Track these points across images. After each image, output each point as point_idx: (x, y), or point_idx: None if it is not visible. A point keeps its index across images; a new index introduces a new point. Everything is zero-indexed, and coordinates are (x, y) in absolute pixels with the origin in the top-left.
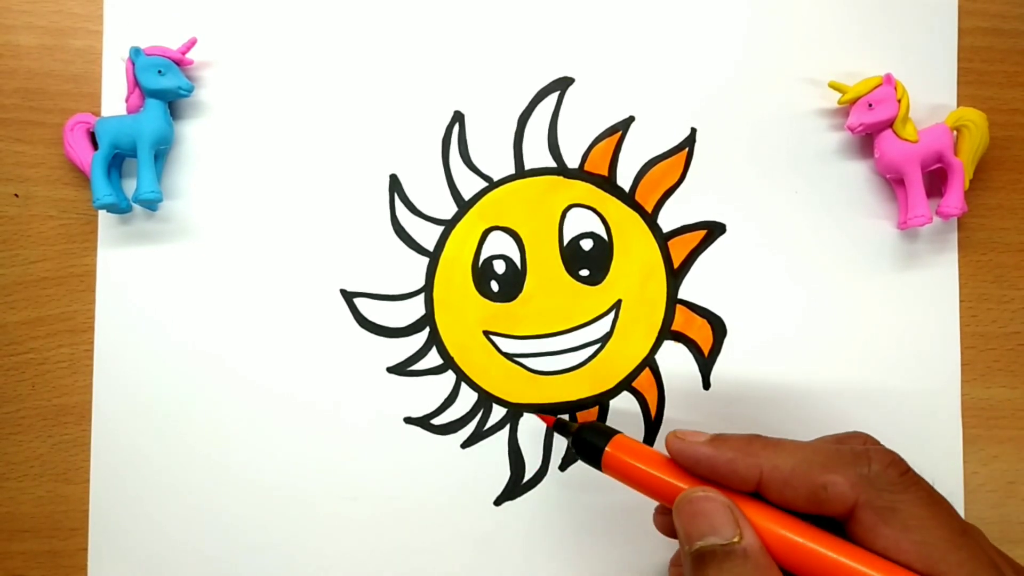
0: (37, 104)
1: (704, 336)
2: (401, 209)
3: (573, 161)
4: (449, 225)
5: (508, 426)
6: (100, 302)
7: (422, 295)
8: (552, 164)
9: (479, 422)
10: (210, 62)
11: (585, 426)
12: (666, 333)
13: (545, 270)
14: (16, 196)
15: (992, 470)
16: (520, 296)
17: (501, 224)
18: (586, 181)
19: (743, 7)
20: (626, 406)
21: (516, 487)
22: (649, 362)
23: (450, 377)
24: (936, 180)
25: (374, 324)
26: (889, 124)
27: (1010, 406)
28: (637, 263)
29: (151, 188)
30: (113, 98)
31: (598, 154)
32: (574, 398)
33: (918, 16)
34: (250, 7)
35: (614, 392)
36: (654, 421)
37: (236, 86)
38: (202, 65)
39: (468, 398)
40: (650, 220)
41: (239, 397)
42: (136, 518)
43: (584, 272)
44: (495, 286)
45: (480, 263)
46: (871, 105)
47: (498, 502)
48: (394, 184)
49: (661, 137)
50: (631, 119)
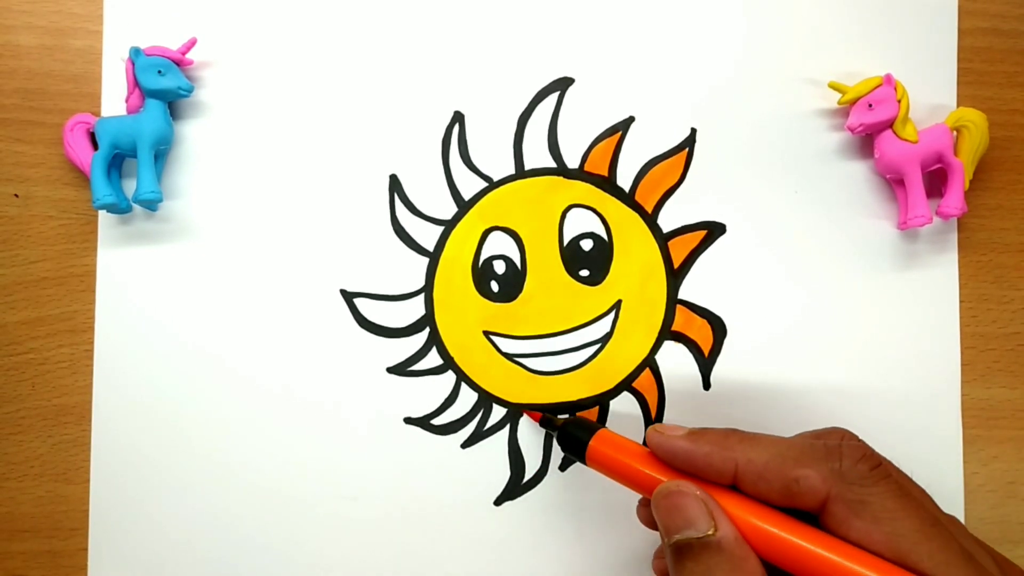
0: (37, 104)
1: (704, 336)
2: (401, 209)
3: (573, 161)
4: (449, 225)
5: (508, 426)
6: (100, 302)
7: (422, 295)
8: (552, 164)
9: (479, 422)
10: (210, 62)
11: (570, 421)
12: (666, 333)
13: (545, 270)
14: (16, 196)
15: (992, 470)
16: (520, 296)
17: (501, 224)
18: (586, 181)
19: (743, 7)
20: (626, 406)
21: (516, 487)
22: (649, 362)
23: (450, 377)
24: (936, 180)
25: (374, 324)
26: (889, 124)
27: (1010, 406)
28: (637, 263)
29: (151, 188)
30: (113, 98)
31: (598, 154)
32: (574, 398)
33: (918, 16)
34: (250, 7)
35: (614, 392)
36: (654, 421)
37: (236, 86)
38: (202, 65)
39: (468, 398)
40: (650, 220)
41: (239, 397)
42: (136, 518)
43: (584, 272)
44: (495, 286)
45: (480, 263)
46: (871, 105)
47: (498, 502)
48: (394, 184)
49: (661, 137)
50: (631, 119)
